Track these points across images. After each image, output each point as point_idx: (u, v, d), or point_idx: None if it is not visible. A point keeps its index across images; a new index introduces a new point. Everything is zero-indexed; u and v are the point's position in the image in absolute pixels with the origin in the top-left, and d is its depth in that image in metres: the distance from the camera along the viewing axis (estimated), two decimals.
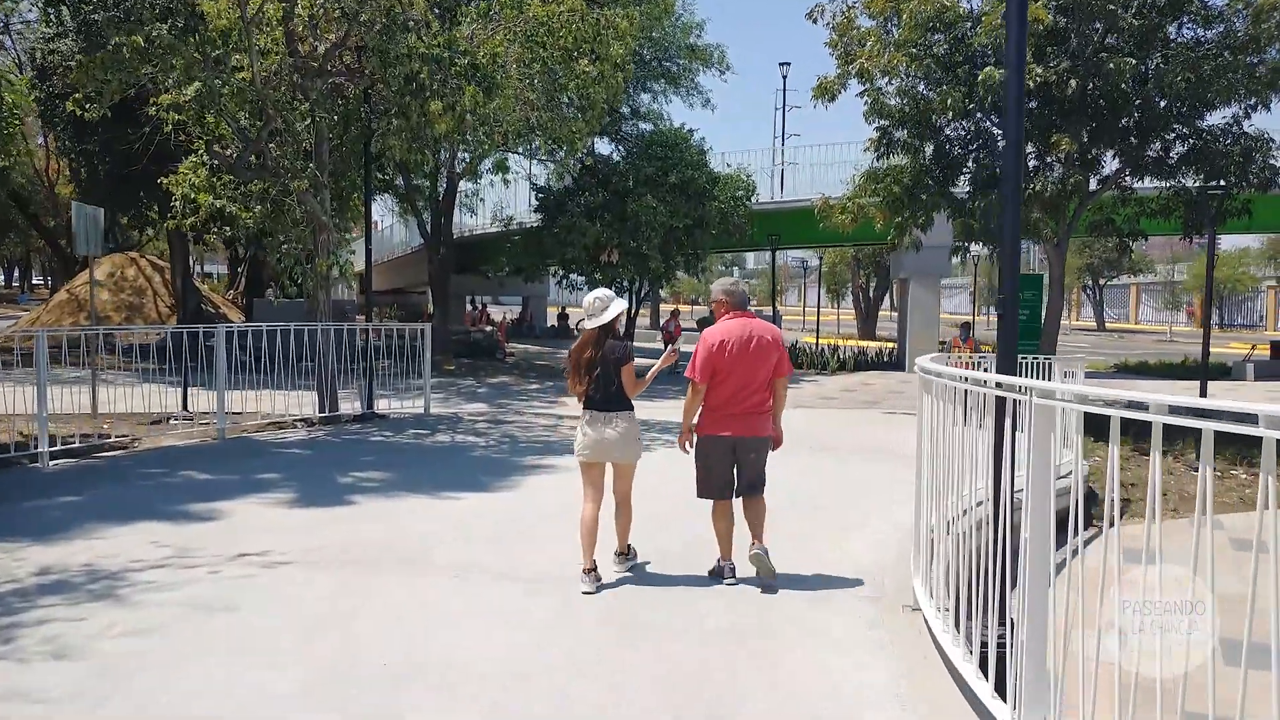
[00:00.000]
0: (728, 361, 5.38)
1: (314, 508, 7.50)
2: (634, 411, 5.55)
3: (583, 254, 21.29)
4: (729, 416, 5.44)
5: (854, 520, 7.46)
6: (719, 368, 5.39)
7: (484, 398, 17.77)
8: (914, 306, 25.57)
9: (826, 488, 8.84)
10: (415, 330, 13.75)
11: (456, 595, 5.32)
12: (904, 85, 15.50)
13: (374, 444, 11.01)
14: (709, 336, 5.46)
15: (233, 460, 9.62)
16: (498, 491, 8.34)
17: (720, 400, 5.45)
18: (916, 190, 15.98)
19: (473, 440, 11.41)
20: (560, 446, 10.99)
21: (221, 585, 5.42)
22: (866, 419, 15.49)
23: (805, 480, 9.03)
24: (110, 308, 29.70)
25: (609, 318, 5.45)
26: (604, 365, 5.38)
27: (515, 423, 13.18)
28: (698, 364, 5.43)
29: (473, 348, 26.04)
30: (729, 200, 22.38)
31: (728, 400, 5.43)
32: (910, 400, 19.80)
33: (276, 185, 11.53)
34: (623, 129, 24.26)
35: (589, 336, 5.48)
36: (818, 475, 9.45)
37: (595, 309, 5.47)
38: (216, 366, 10.91)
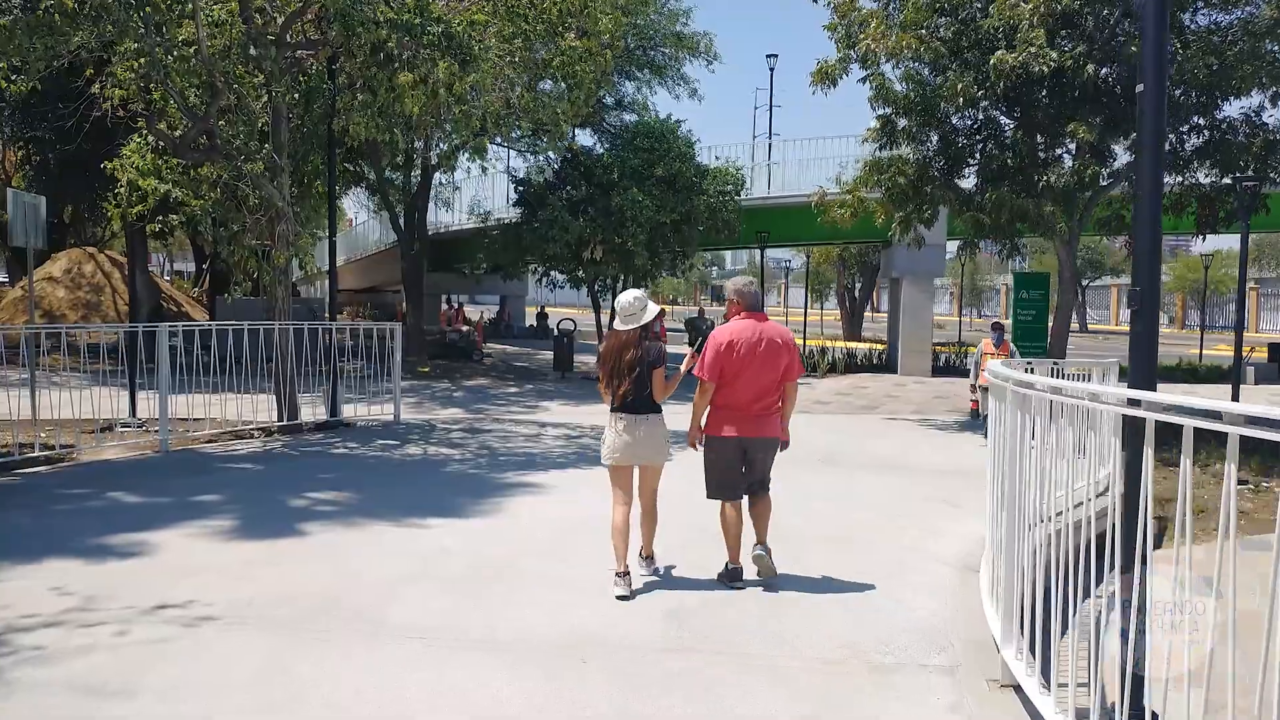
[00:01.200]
0: (736, 362, 5.32)
1: (255, 540, 6.36)
2: (662, 414, 5.47)
3: (565, 250, 20.14)
4: (738, 417, 5.39)
5: (892, 556, 6.41)
6: (727, 368, 5.34)
7: (460, 402, 16.63)
8: (906, 307, 24.65)
9: (848, 511, 7.79)
10: (385, 330, 12.61)
11: (418, 671, 4.19)
12: (910, 70, 14.52)
13: (335, 458, 9.86)
14: (718, 336, 5.41)
15: (172, 478, 8.45)
16: (474, 517, 7.23)
17: (729, 401, 5.40)
18: (921, 183, 15.01)
19: (446, 453, 10.28)
20: (544, 460, 9.90)
21: (125, 655, 4.28)
22: (868, 426, 14.52)
23: (822, 503, 7.99)
24: (66, 305, 28.25)
25: (649, 318, 5.39)
26: (641, 368, 5.32)
27: (493, 432, 12.06)
28: (706, 363, 5.39)
29: (448, 348, 24.85)
30: (717, 195, 21.34)
31: (737, 401, 5.38)
32: (907, 404, 19.01)
33: (229, 169, 10.35)
34: (605, 120, 23.17)
35: (628, 338, 5.37)
36: (834, 496, 8.41)
37: (634, 309, 5.40)
38: (158, 370, 9.73)
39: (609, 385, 5.41)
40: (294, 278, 31.32)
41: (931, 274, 24.99)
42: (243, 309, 23.16)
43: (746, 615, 4.99)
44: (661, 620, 4.84)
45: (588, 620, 4.82)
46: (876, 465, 10.44)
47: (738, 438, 5.40)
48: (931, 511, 7.90)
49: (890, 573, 5.91)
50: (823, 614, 5.02)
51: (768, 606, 5.14)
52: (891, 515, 7.71)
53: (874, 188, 15.38)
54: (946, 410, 17.32)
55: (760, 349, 5.34)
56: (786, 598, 5.34)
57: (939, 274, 26.40)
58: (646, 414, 5.36)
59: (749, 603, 5.22)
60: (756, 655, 4.42)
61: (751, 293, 5.54)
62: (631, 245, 19.78)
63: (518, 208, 22.11)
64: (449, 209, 30.34)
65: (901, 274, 24.67)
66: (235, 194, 10.58)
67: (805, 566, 6.00)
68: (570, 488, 8.43)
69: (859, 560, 6.17)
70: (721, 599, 5.28)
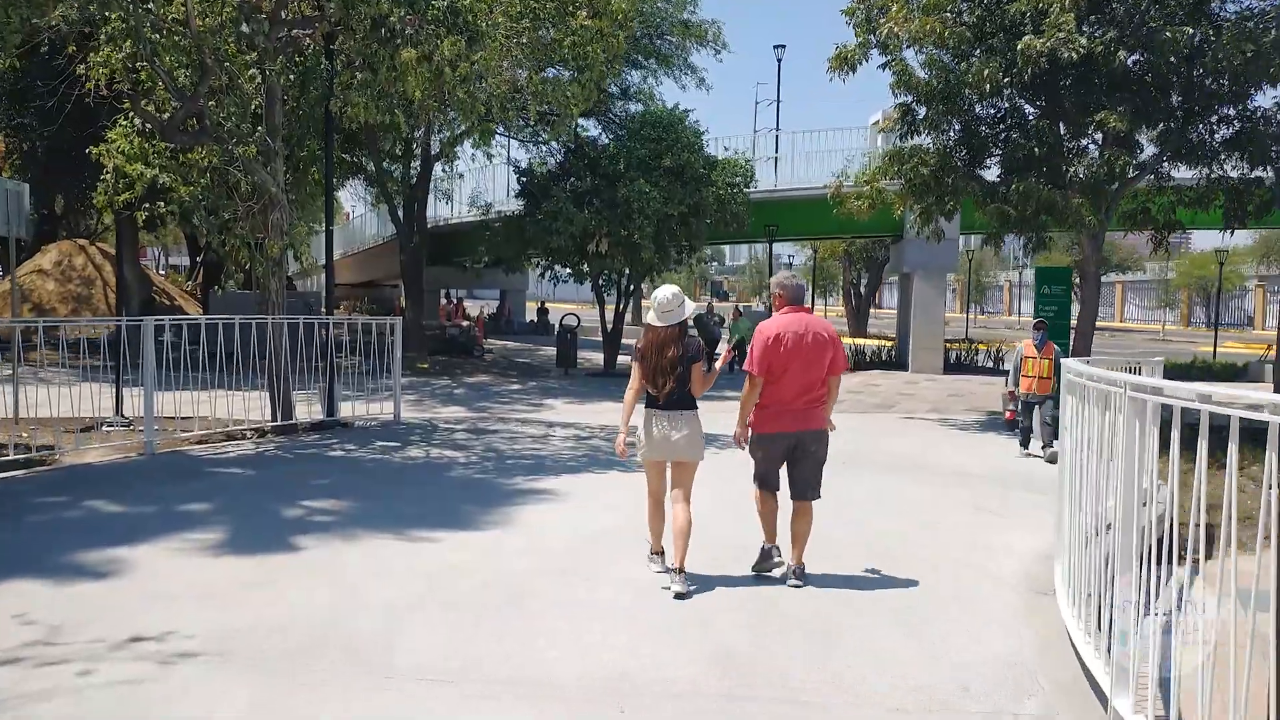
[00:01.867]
0: (784, 357, 5.29)
1: (244, 556, 5.77)
2: (698, 410, 5.43)
3: (569, 243, 19.51)
4: (787, 412, 5.37)
5: (944, 574, 5.81)
6: (775, 363, 5.31)
7: (461, 400, 16.05)
8: (918, 303, 24.04)
9: (882, 519, 7.21)
10: (385, 324, 12.00)
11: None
12: (933, 56, 13.92)
13: (333, 461, 9.27)
14: (765, 330, 5.36)
15: (156, 484, 7.85)
16: (483, 528, 6.65)
17: (777, 396, 5.36)
18: (943, 173, 14.42)
19: (451, 455, 9.69)
20: (554, 464, 9.31)
21: (88, 705, 3.70)
22: (886, 426, 13.97)
23: (854, 509, 7.40)
24: (56, 299, 27.62)
25: (689, 314, 5.33)
26: (682, 365, 5.27)
27: (499, 432, 11.46)
28: (755, 358, 5.35)
29: (448, 344, 24.25)
30: (726, 187, 20.72)
31: (783, 396, 5.35)
32: (923, 402, 18.43)
33: (220, 154, 9.74)
34: (611, 110, 22.53)
35: (668, 334, 5.30)
36: (864, 501, 7.82)
37: (671, 305, 5.32)
38: (144, 367, 9.13)
39: (652, 383, 5.33)
40: (290, 270, 30.59)
41: (945, 269, 24.42)
42: (236, 302, 22.55)
43: (800, 651, 4.41)
44: (706, 661, 4.25)
45: (622, 658, 4.24)
46: (903, 467, 9.87)
47: (785, 433, 5.38)
48: (973, 521, 7.32)
49: (947, 595, 5.33)
50: (883, 649, 4.44)
51: (820, 640, 4.56)
52: (930, 524, 7.13)
53: (893, 178, 14.79)
54: (964, 409, 16.77)
55: (807, 342, 5.31)
56: (837, 624, 4.77)
57: (952, 269, 25.88)
58: (683, 410, 5.32)
59: (797, 635, 4.63)
60: (818, 704, 3.84)
61: (795, 286, 5.57)
62: (638, 238, 19.16)
63: (520, 199, 21.48)
64: (449, 201, 29.70)
65: (913, 269, 24.09)
66: (226, 180, 9.98)
67: (851, 583, 5.44)
68: (584, 495, 7.85)
69: (907, 578, 5.59)
70: (769, 627, 4.70)
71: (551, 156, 23.02)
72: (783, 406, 5.36)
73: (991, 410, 16.41)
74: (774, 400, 5.37)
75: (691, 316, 5.37)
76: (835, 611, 4.96)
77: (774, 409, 5.38)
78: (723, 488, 6.82)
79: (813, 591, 5.29)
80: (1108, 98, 13.60)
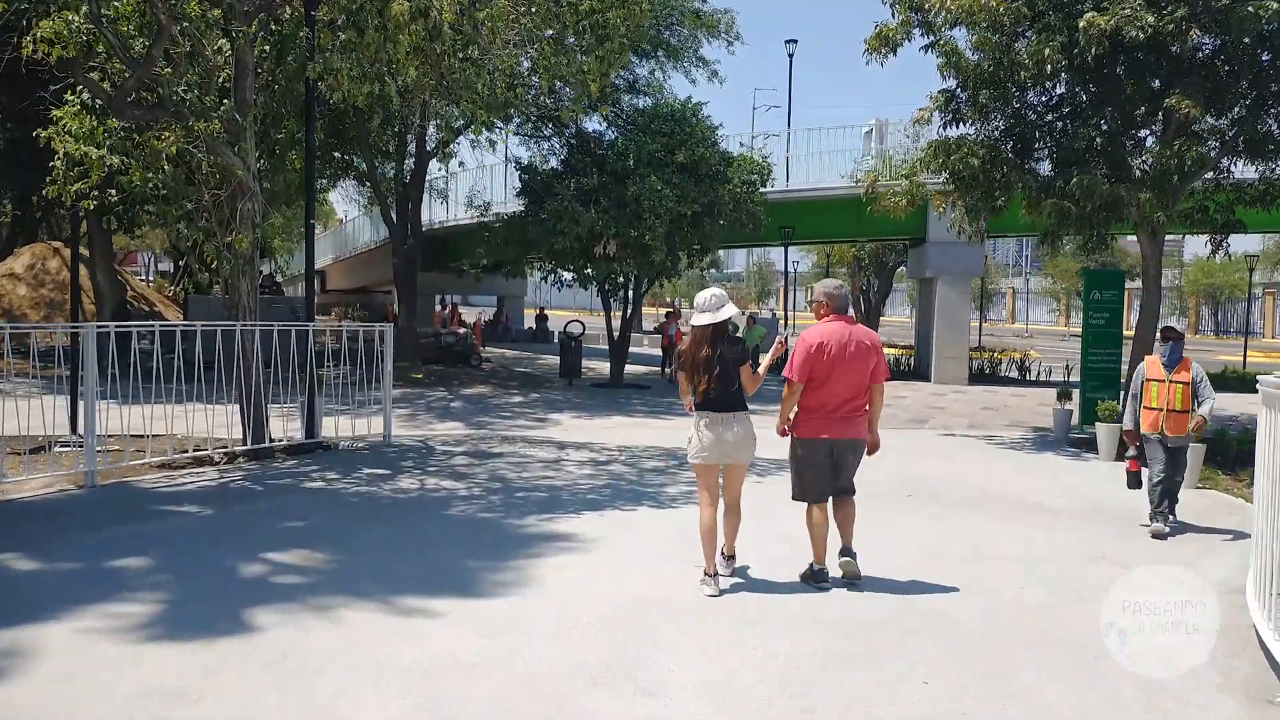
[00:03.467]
0: (826, 364, 5.36)
1: (179, 640, 4.32)
2: (748, 412, 5.44)
3: (575, 245, 18.07)
4: (827, 419, 5.42)
5: (1113, 671, 4.39)
6: (816, 370, 5.39)
7: (459, 414, 14.61)
8: (941, 310, 22.66)
9: (992, 575, 5.78)
10: (374, 332, 10.56)
11: None
12: (984, 36, 12.55)
13: (310, 495, 7.81)
14: (809, 338, 5.45)
15: (90, 528, 6.40)
16: (494, 594, 5.20)
17: (818, 403, 5.42)
18: (992, 166, 13.05)
19: (449, 487, 8.23)
20: (572, 497, 7.86)
21: None
22: (928, 445, 12.58)
23: (954, 562, 5.97)
24: (27, 304, 26.13)
25: (726, 315, 5.36)
26: (724, 365, 5.29)
27: (504, 456, 10.00)
28: (795, 364, 5.44)
29: (443, 353, 22.77)
30: (742, 185, 19.32)
31: (826, 403, 5.40)
32: (957, 417, 17.01)
33: (179, 132, 8.30)
34: (618, 104, 21.11)
35: (702, 334, 5.35)
36: (957, 549, 6.40)
37: (711, 305, 5.35)
38: (85, 380, 7.68)
39: (692, 381, 5.34)
40: (274, 273, 29.10)
41: (970, 273, 23.07)
42: (219, 309, 21.10)
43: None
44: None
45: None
46: (975, 500, 8.46)
47: (826, 439, 5.42)
48: (1103, 577, 5.89)
49: (1135, 708, 3.89)
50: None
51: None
52: (1056, 586, 5.70)
53: (936, 171, 13.39)
54: (1004, 424, 15.40)
55: (850, 350, 5.37)
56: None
57: (977, 273, 24.50)
58: (735, 411, 5.34)
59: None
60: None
61: (841, 295, 5.60)
62: (649, 239, 17.73)
63: (521, 198, 20.05)
64: (445, 201, 28.20)
65: (936, 273, 22.70)
66: (189, 164, 8.53)
67: (1004, 684, 4.00)
68: (615, 541, 6.41)
69: (1070, 672, 4.17)
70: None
71: (554, 155, 21.62)
72: (826, 413, 5.40)
73: (1036, 426, 15.05)
74: (817, 406, 5.42)
75: (730, 317, 5.39)
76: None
77: (817, 415, 5.42)
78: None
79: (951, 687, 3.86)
80: (1174, 83, 12.25)
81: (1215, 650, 4.53)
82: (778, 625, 4.78)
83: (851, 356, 5.36)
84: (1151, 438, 7.31)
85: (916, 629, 4.79)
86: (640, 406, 16.40)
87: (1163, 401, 7.25)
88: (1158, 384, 7.32)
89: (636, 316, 22.69)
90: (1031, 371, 23.78)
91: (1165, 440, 7.22)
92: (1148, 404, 7.36)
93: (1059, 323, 68.62)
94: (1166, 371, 7.35)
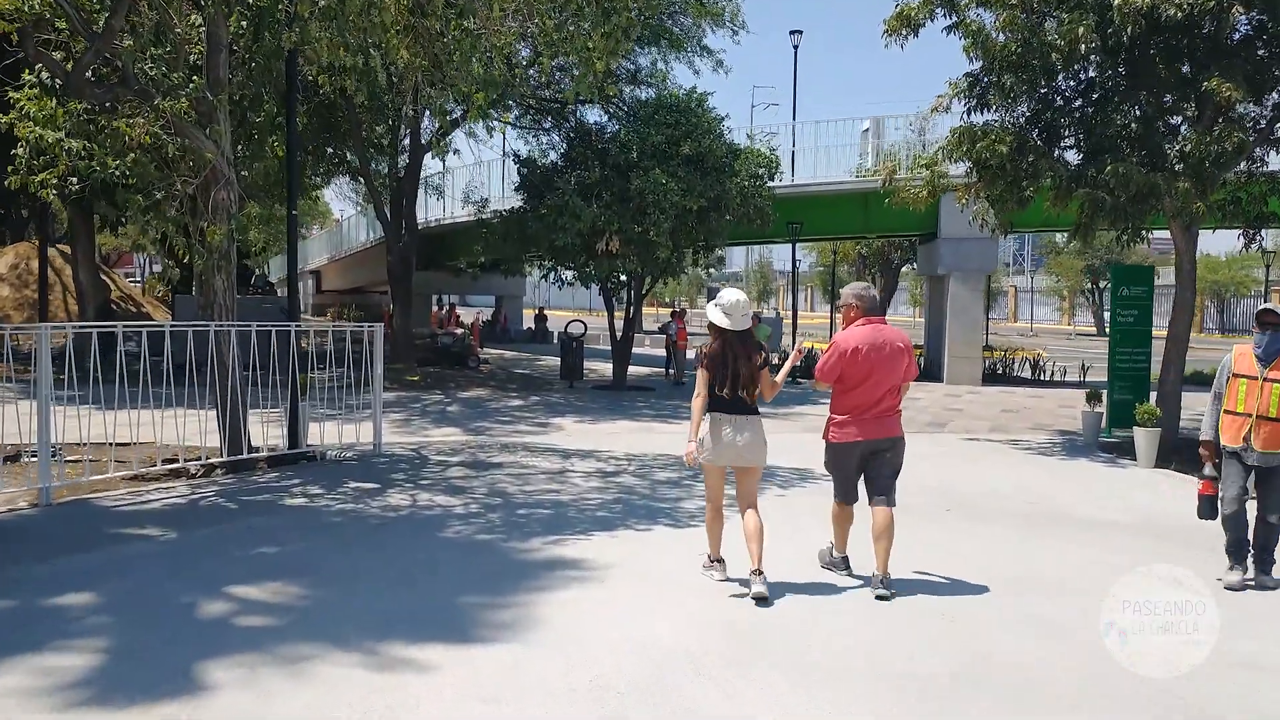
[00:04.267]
0: (861, 368, 5.32)
1: (115, 708, 3.56)
2: (760, 415, 5.35)
3: (576, 241, 17.29)
4: (861, 421, 5.37)
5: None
6: (848, 373, 5.36)
7: (456, 420, 13.85)
8: (954, 308, 21.89)
9: (1078, 620, 5.03)
10: (363, 333, 9.78)
11: None
12: (1012, 16, 11.80)
13: (288, 514, 7.04)
14: (844, 343, 5.37)
15: (36, 557, 5.63)
16: (498, 640, 4.43)
17: (853, 406, 5.39)
18: (1020, 153, 12.31)
19: (444, 504, 7.46)
20: (580, 515, 7.10)
21: None
22: (951, 449, 11.87)
23: (1031, 596, 5.21)
24: (11, 305, 25.38)
25: (749, 322, 5.33)
26: (750, 370, 5.22)
27: (505, 467, 9.23)
28: (826, 366, 5.39)
29: (440, 354, 22.00)
30: (749, 179, 18.56)
31: (861, 406, 5.37)
32: (977, 420, 16.22)
33: (147, 113, 7.53)
34: (619, 96, 20.29)
35: (738, 340, 5.23)
36: (1020, 575, 5.65)
37: (742, 309, 5.29)
38: (38, 384, 6.91)
39: (730, 388, 5.18)
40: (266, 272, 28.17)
41: (983, 270, 22.30)
42: None
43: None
44: None
45: None
46: (1018, 514, 7.74)
47: (860, 441, 5.40)
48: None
49: None
50: None
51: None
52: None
53: (960, 160, 12.64)
54: (1028, 428, 14.65)
55: (885, 354, 5.34)
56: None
57: (991, 269, 23.73)
58: (750, 415, 5.27)
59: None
60: None
61: (871, 297, 5.56)
62: (654, 235, 16.98)
63: (520, 193, 19.29)
64: (440, 198, 27.40)
65: (949, 270, 21.94)
66: (158, 148, 7.76)
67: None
68: (629, 568, 5.66)
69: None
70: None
71: (554, 150, 20.88)
72: (858, 415, 5.38)
73: (1061, 429, 14.33)
74: (850, 409, 5.40)
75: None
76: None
77: (851, 418, 5.39)
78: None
79: None
80: (1211, 66, 11.51)
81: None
82: (832, 680, 4.03)
83: (886, 358, 5.34)
84: (1231, 451, 5.66)
85: (999, 684, 4.05)
86: (646, 410, 15.64)
87: (1252, 405, 5.55)
88: (1247, 382, 5.59)
89: (639, 316, 21.93)
90: (1045, 371, 23.00)
91: (1251, 455, 5.57)
92: (1231, 407, 5.68)
93: (1062, 321, 67.86)
94: (1261, 366, 5.56)
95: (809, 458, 8.17)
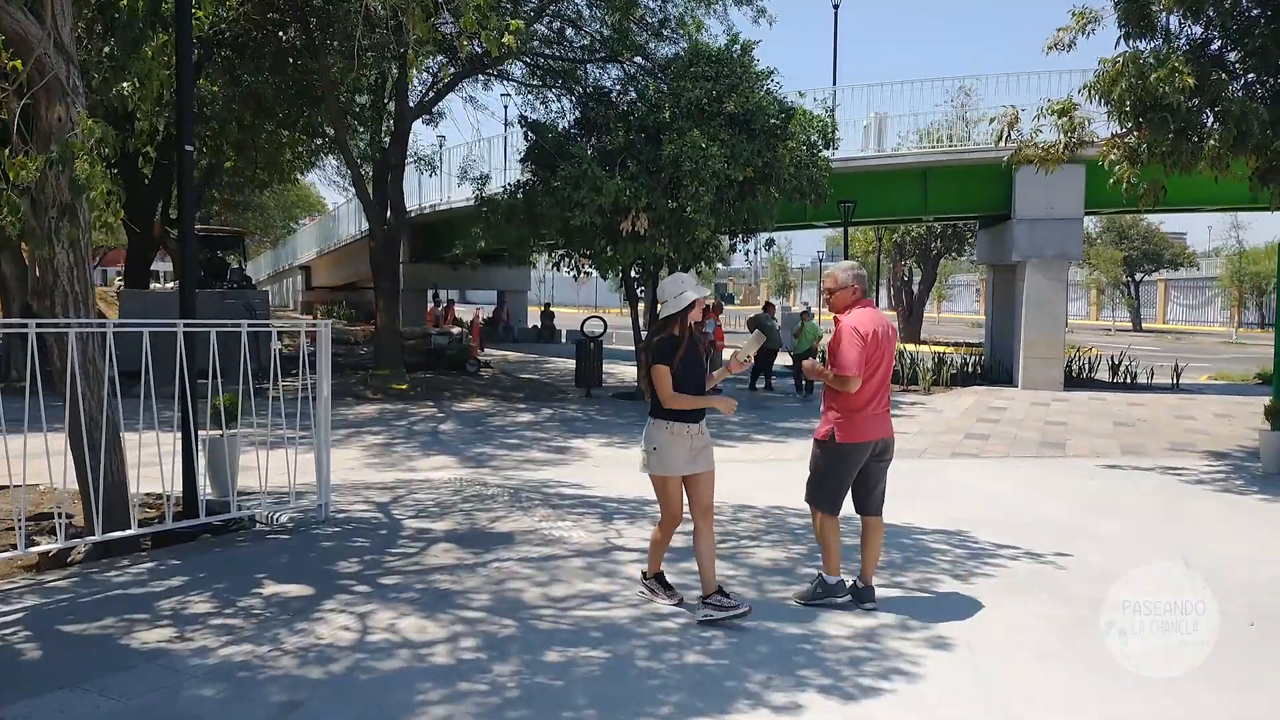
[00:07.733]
0: (877, 356, 4.82)
1: None
2: None
3: (595, 220, 14.12)
4: (874, 417, 4.86)
5: None
6: (868, 361, 4.80)
7: (449, 443, 10.75)
8: (1031, 300, 18.69)
9: None
10: (299, 331, 6.60)
11: None
12: None
13: (112, 684, 3.88)
14: (861, 327, 4.80)
15: None
16: None
17: (865, 399, 4.82)
18: (1202, 93, 9.18)
19: (415, 641, 4.27)
20: (656, 668, 3.93)
21: None
22: (1113, 485, 8.81)
23: None
24: None
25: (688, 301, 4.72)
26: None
27: (517, 543, 6.02)
28: (852, 358, 4.72)
29: (434, 357, 18.86)
30: (803, 147, 15.41)
31: (872, 399, 4.84)
32: (1098, 437, 11.92)
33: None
34: (644, 52, 17.12)
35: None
36: None
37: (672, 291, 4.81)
38: None
39: (695, 387, 4.69)
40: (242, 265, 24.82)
41: (1066, 256, 19.07)
42: (164, 303, 17.19)
43: None
44: None
45: None
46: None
47: (874, 441, 4.87)
48: None
49: None
50: None
51: None
52: None
53: (1121, 100, 9.47)
54: (1164, 449, 11.50)
55: (890, 340, 4.91)
56: None
57: (1076, 256, 20.51)
58: (702, 419, 4.83)
59: None
60: None
61: (864, 276, 5.08)
62: (691, 211, 13.82)
63: (527, 165, 16.13)
64: (434, 173, 24.10)
65: (1024, 257, 18.75)
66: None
67: None
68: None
69: None
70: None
71: (563, 118, 17.69)
72: (871, 410, 4.83)
73: (1211, 450, 11.22)
74: (863, 403, 4.81)
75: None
76: None
77: (864, 413, 4.82)
78: None
79: None
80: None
81: None
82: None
83: (889, 347, 4.90)
84: None
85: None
86: None
87: None
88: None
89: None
90: (1130, 373, 19.73)
91: None
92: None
93: (1090, 315, 64.52)
94: None
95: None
